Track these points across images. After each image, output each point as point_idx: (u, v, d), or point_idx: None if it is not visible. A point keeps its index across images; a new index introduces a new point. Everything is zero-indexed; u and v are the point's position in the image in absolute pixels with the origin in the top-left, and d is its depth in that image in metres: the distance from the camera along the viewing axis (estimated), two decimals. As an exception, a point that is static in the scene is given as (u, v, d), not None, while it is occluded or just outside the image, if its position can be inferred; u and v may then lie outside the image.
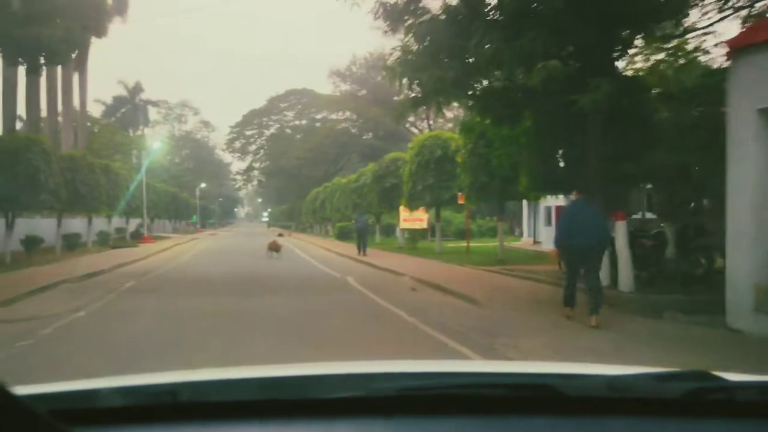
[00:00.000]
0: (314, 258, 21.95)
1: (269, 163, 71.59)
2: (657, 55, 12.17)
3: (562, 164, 11.17)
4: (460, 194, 18.80)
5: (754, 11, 9.28)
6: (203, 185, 74.92)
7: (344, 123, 64.20)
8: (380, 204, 27.67)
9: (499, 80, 10.31)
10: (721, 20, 10.77)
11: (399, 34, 11.43)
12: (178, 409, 1.20)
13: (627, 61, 10.40)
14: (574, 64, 9.02)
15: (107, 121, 58.95)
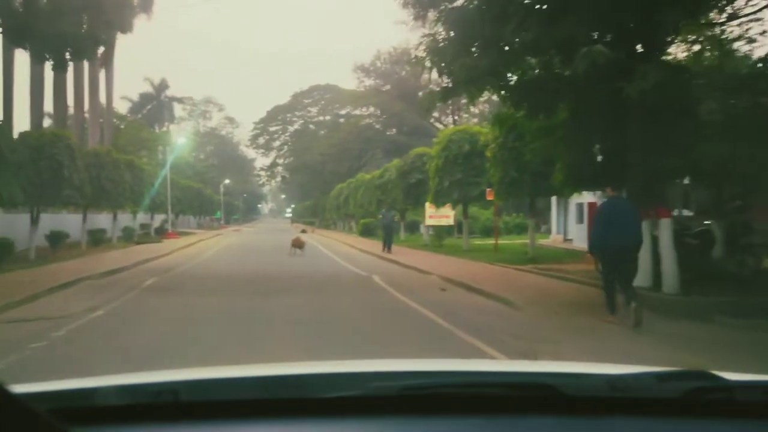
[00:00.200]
0: (338, 255, 21.61)
1: (293, 159, 71.67)
2: (699, 42, 11.57)
3: (600, 158, 10.60)
4: (489, 190, 18.16)
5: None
6: (227, 181, 75.30)
7: (368, 118, 63.91)
8: (405, 200, 27.17)
9: (534, 69, 9.82)
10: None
11: (426, 24, 10.99)
12: (179, 408, 1.19)
13: (671, 49, 9.84)
14: (617, 51, 8.46)
15: (133, 118, 59.60)
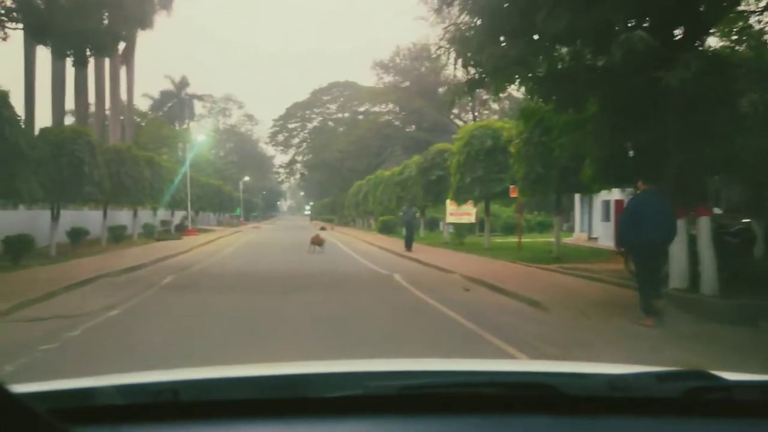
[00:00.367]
0: (358, 253, 21.30)
1: (312, 156, 71.70)
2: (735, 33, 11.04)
3: (632, 153, 10.12)
4: (512, 187, 17.65)
5: None
6: (247, 178, 75.51)
7: (387, 115, 63.60)
8: (425, 197, 26.73)
9: (564, 60, 9.39)
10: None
11: (450, 13, 10.59)
12: (178, 407, 1.18)
13: (709, 38, 9.33)
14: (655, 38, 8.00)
15: (154, 115, 60.03)
